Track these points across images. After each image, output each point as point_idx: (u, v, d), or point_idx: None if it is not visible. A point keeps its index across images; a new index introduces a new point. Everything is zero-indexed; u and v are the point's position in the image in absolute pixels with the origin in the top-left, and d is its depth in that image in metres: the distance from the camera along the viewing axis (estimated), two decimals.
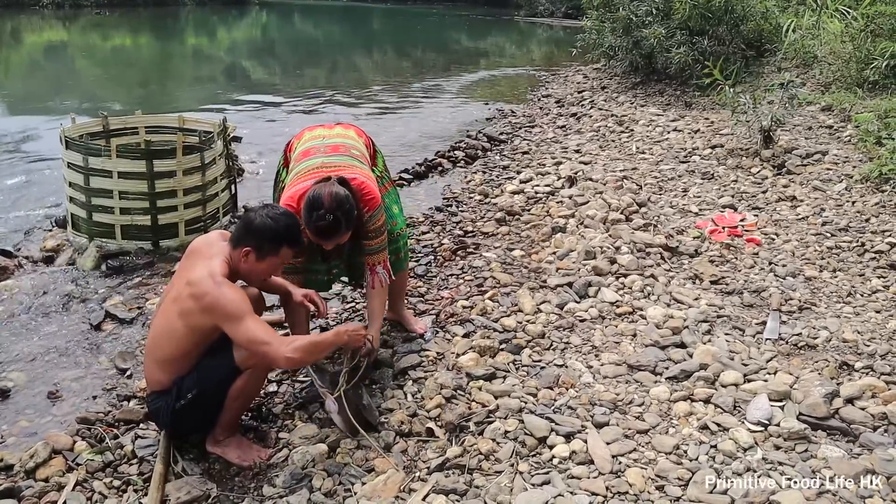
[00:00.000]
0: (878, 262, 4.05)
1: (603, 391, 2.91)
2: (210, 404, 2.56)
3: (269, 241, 2.50)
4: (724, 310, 3.56)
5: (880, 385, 2.80)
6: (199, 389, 2.50)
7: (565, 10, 29.95)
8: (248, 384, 2.56)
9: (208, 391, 2.51)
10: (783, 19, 9.21)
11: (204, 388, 2.50)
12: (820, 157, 5.73)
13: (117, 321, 3.80)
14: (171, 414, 2.52)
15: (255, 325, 2.38)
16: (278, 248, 2.52)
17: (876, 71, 6.99)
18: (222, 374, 2.51)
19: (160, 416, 2.58)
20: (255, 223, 2.50)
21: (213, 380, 2.51)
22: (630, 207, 4.87)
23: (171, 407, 2.51)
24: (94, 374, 3.32)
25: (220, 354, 2.51)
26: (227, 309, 2.37)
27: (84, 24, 27.32)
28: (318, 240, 2.76)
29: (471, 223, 5.08)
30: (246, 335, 2.36)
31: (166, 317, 2.51)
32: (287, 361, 2.40)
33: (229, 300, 2.38)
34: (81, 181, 4.51)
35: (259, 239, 2.49)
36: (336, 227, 2.69)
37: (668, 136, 7.07)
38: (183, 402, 2.50)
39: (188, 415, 2.53)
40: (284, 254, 2.55)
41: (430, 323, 3.55)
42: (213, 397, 2.54)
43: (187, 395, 2.50)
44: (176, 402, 2.51)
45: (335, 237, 2.75)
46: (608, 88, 10.44)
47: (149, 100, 10.97)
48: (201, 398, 2.51)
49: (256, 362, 2.50)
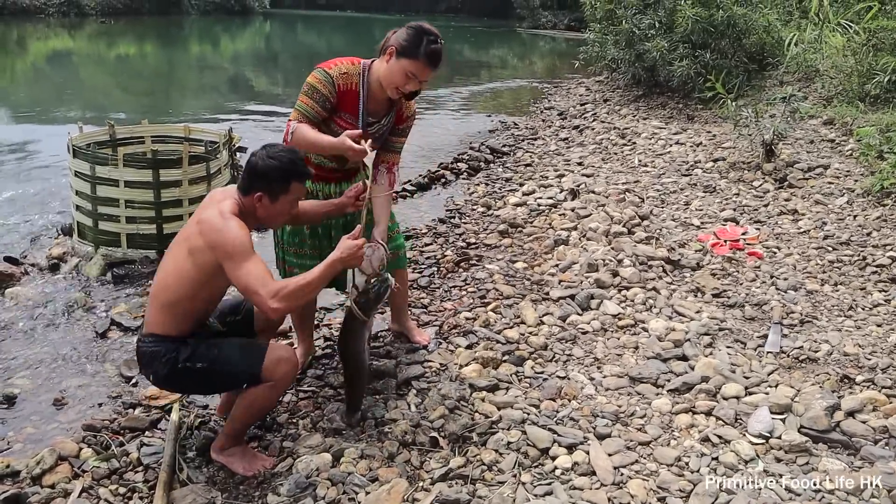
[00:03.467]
0: (880, 275, 4.06)
1: (605, 403, 2.92)
2: (211, 383, 2.55)
3: (278, 180, 2.46)
4: (726, 323, 3.58)
5: (881, 398, 2.82)
6: (211, 366, 2.46)
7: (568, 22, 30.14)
8: (264, 397, 2.53)
9: (218, 373, 2.49)
10: (785, 33, 9.27)
11: (217, 368, 2.47)
12: (822, 171, 5.76)
13: (122, 329, 3.82)
14: (169, 365, 2.46)
15: (254, 269, 2.33)
16: (288, 185, 2.48)
17: (877, 85, 7.03)
18: (242, 369, 2.49)
19: (153, 361, 2.49)
20: (259, 167, 2.46)
21: (231, 367, 2.48)
22: (632, 220, 4.90)
23: (173, 360, 2.45)
24: (100, 382, 3.34)
25: (254, 350, 2.50)
26: (227, 245, 2.34)
27: (89, 32, 27.47)
28: (425, 68, 2.71)
29: (474, 235, 5.10)
30: (241, 280, 2.33)
31: (175, 257, 2.48)
32: (274, 313, 2.35)
33: (233, 236, 2.35)
34: (88, 189, 4.55)
35: (267, 181, 2.46)
36: (442, 55, 2.73)
37: (671, 149, 7.10)
38: (189, 364, 2.45)
39: (184, 378, 2.50)
40: (295, 188, 2.51)
41: (433, 334, 3.57)
42: (219, 381, 2.54)
43: (197, 363, 2.45)
44: (182, 360, 2.45)
45: (437, 67, 2.75)
46: (611, 101, 10.49)
47: (154, 109, 11.04)
48: (208, 375, 2.48)
49: (281, 377, 2.49)
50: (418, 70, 2.71)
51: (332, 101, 2.76)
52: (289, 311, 2.50)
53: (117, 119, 9.03)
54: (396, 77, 2.73)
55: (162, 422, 2.96)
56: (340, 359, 2.95)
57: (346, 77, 2.78)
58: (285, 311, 2.45)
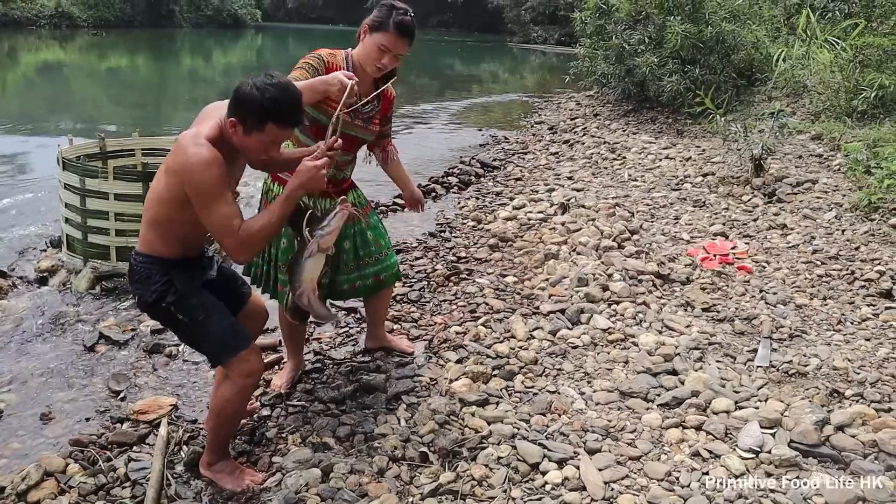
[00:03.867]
0: (868, 290, 4.09)
1: (595, 417, 2.92)
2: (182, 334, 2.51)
3: (252, 114, 2.20)
4: (716, 337, 3.59)
5: (870, 412, 2.83)
6: (190, 324, 2.42)
7: (558, 37, 30.35)
8: (229, 401, 2.50)
9: (192, 333, 2.46)
10: (773, 49, 9.37)
11: (194, 329, 2.43)
12: (810, 186, 5.81)
13: (111, 343, 3.80)
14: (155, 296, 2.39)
15: (220, 211, 2.20)
16: (262, 123, 2.21)
17: (864, 101, 7.11)
18: (213, 347, 2.46)
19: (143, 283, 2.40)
20: (240, 92, 2.22)
21: (206, 337, 2.44)
22: (622, 235, 4.92)
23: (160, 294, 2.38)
24: (88, 396, 3.31)
25: (236, 339, 2.45)
26: (195, 182, 2.18)
27: (81, 44, 27.48)
28: (396, 40, 2.77)
29: (464, 249, 5.11)
30: (206, 221, 2.23)
31: (158, 177, 2.34)
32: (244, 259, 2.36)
33: (200, 171, 2.17)
34: (77, 202, 4.53)
35: (243, 111, 2.21)
36: (414, 28, 2.80)
37: (660, 164, 7.15)
38: (172, 309, 2.40)
39: (162, 316, 2.46)
40: (272, 131, 2.23)
41: (422, 349, 3.56)
42: (189, 339, 2.52)
43: (179, 314, 2.40)
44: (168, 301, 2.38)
45: (410, 40, 2.81)
46: (601, 115, 10.56)
47: (145, 121, 11.02)
48: (183, 327, 2.45)
49: (239, 378, 2.45)
50: (390, 42, 2.78)
51: (322, 73, 2.76)
52: (258, 251, 2.41)
53: (108, 131, 9.03)
54: (371, 52, 2.81)
55: (150, 437, 2.93)
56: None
57: (332, 56, 2.87)
58: (254, 254, 2.40)
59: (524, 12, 33.74)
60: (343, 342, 3.76)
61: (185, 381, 3.45)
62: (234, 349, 2.45)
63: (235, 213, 2.25)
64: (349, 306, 4.14)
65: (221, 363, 2.49)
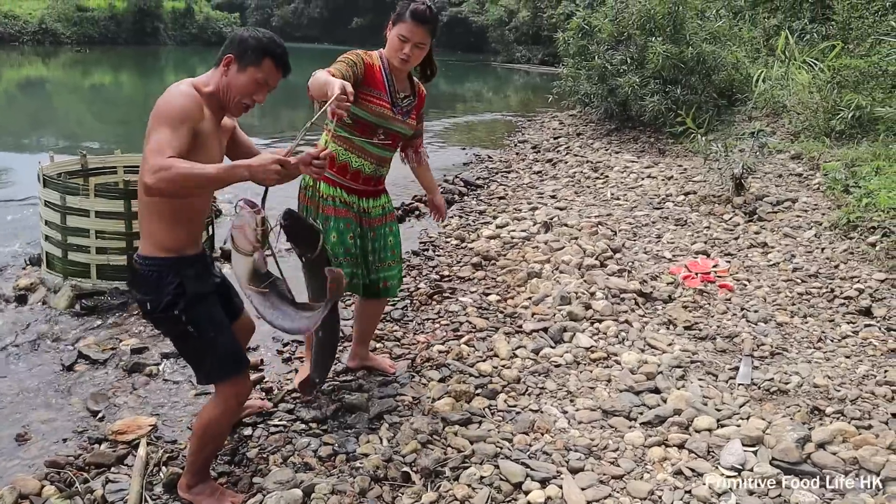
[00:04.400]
0: (847, 307, 4.13)
1: (578, 436, 2.92)
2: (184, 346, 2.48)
3: (252, 49, 2.32)
4: (698, 355, 3.60)
5: (851, 430, 2.84)
6: (198, 339, 2.39)
7: (542, 56, 30.61)
8: (215, 421, 2.47)
9: (195, 348, 2.44)
10: (753, 70, 9.50)
11: (200, 344, 2.40)
12: (790, 205, 5.87)
13: (90, 362, 3.75)
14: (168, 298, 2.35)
15: (163, 136, 2.13)
16: (261, 57, 2.33)
17: (842, 121, 7.21)
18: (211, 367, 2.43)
19: (153, 286, 2.36)
20: (237, 34, 2.38)
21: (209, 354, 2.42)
22: (605, 253, 4.94)
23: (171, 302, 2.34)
24: (65, 417, 3.26)
25: (235, 363, 2.45)
26: (158, 107, 2.19)
27: (64, 60, 27.37)
28: (413, 28, 2.90)
29: (447, 267, 5.11)
30: (150, 141, 2.13)
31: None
32: (145, 188, 2.15)
33: (167, 100, 2.21)
34: (58, 220, 4.49)
35: (243, 47, 2.33)
36: (433, 17, 2.93)
37: (643, 183, 7.20)
38: (183, 318, 2.35)
39: (171, 324, 2.41)
40: (268, 68, 2.34)
41: (405, 367, 3.55)
42: (190, 353, 2.49)
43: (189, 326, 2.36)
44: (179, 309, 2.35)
45: (429, 27, 2.93)
46: (584, 135, 10.63)
47: (128, 138, 10.94)
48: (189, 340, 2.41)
49: (225, 400, 2.44)
50: (407, 31, 2.92)
51: (360, 68, 2.91)
52: (164, 192, 2.15)
53: (91, 149, 8.96)
54: (393, 44, 2.97)
55: (129, 457, 2.88)
56: None
57: (368, 56, 3.01)
58: (161, 192, 2.14)
59: (508, 32, 34.04)
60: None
61: (166, 400, 3.41)
62: (232, 373, 2.45)
63: (177, 145, 2.15)
64: None
65: (215, 383, 2.47)
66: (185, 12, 42.44)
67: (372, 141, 3.03)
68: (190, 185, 2.13)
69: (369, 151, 3.07)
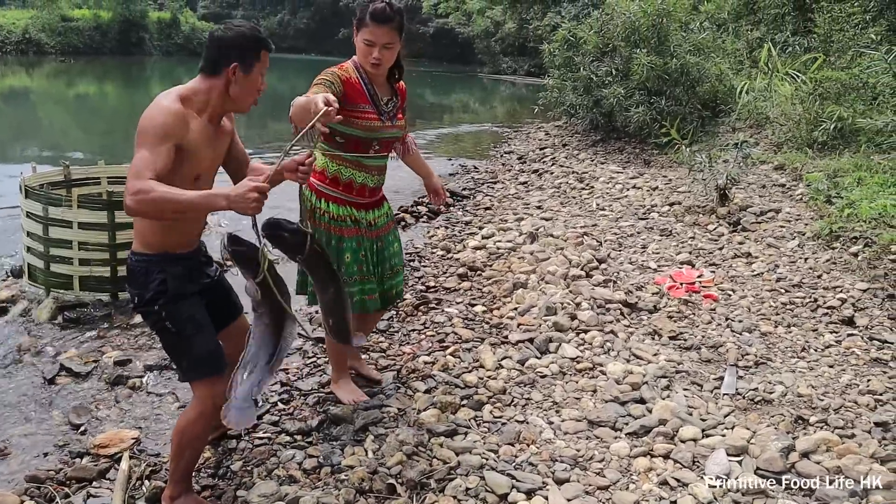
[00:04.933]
0: (830, 317, 4.16)
1: (564, 447, 2.91)
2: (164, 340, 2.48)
3: (248, 49, 2.36)
4: (683, 365, 3.62)
5: (834, 439, 2.86)
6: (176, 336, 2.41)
7: (528, 68, 30.72)
8: (193, 424, 2.46)
9: (175, 344, 2.44)
10: (736, 81, 9.59)
11: (179, 341, 2.42)
12: (773, 215, 5.91)
13: (72, 375, 3.71)
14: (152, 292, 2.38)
15: (144, 156, 2.15)
16: (258, 51, 2.39)
17: (824, 132, 7.28)
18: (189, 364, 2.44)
19: (140, 280, 2.41)
20: (227, 37, 2.36)
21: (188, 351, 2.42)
22: (590, 263, 4.95)
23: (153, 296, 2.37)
24: (46, 430, 3.22)
25: (213, 363, 2.45)
26: (141, 124, 2.21)
27: (48, 71, 27.23)
28: (375, 29, 2.85)
29: (433, 278, 5.10)
30: (132, 162, 2.16)
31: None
32: (126, 208, 2.16)
33: (150, 117, 2.22)
34: (40, 231, 4.45)
35: (240, 50, 2.35)
36: (395, 13, 2.86)
37: (628, 193, 7.24)
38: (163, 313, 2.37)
39: (153, 316, 2.42)
40: (264, 57, 2.42)
41: (391, 379, 3.54)
42: (169, 347, 2.49)
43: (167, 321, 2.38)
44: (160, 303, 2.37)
45: (392, 26, 2.87)
46: (569, 146, 10.68)
47: (112, 149, 10.91)
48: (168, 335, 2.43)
49: (203, 401, 2.44)
50: (371, 34, 2.88)
51: (337, 87, 2.85)
52: (144, 215, 2.23)
53: (74, 159, 8.92)
54: (361, 50, 2.93)
55: (111, 471, 2.85)
56: None
57: (343, 70, 2.95)
58: (139, 214, 2.20)
59: (494, 43, 34.16)
60: (310, 373, 3.72)
61: (149, 413, 3.38)
62: (209, 373, 2.45)
63: (157, 166, 2.17)
64: (317, 336, 4.10)
65: (191, 381, 2.48)
66: (171, 23, 42.32)
67: (368, 155, 3.02)
68: (167, 210, 2.17)
69: (368, 165, 3.07)
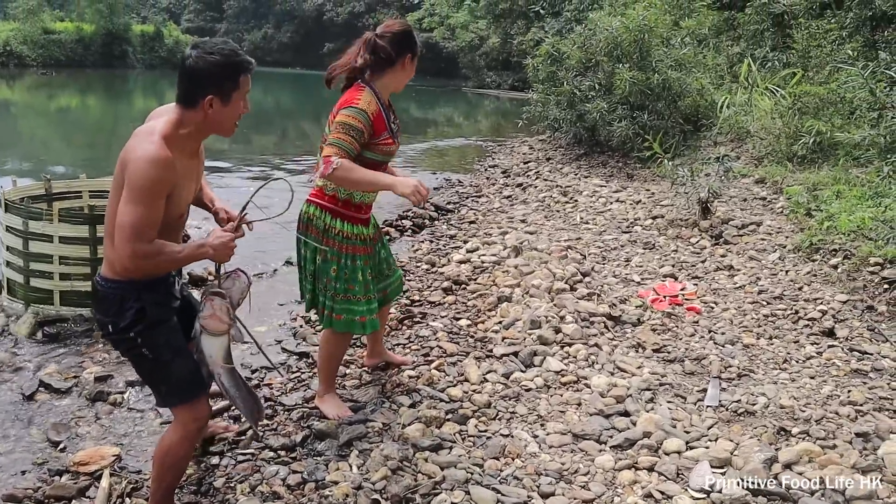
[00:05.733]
0: (811, 329, 4.19)
1: (549, 461, 2.91)
2: (141, 368, 2.44)
3: (227, 77, 2.24)
4: (667, 378, 3.63)
5: (816, 450, 2.88)
6: (153, 362, 2.36)
7: (512, 82, 30.92)
8: (176, 445, 2.43)
9: (151, 370, 2.40)
10: (717, 96, 9.69)
11: (156, 367, 2.38)
12: (755, 228, 5.97)
13: (52, 391, 3.66)
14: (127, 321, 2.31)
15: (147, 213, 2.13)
16: (238, 79, 2.26)
17: (803, 146, 7.37)
18: (169, 389, 2.40)
19: (115, 308, 2.32)
20: (201, 67, 2.21)
21: (166, 377, 2.38)
22: (574, 277, 4.97)
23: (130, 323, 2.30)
24: (24, 448, 3.17)
25: (192, 386, 2.42)
26: (137, 170, 2.13)
27: (29, 84, 27.06)
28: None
29: (417, 292, 5.10)
30: (124, 215, 2.12)
31: (116, 178, 2.25)
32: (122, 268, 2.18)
33: (145, 165, 2.13)
34: (20, 245, 4.40)
35: (216, 81, 2.22)
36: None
37: (611, 207, 7.28)
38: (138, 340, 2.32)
39: (128, 347, 2.37)
40: (244, 82, 2.29)
41: (375, 393, 3.52)
42: (145, 374, 2.45)
43: (144, 348, 2.33)
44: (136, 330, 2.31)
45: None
46: (553, 159, 10.74)
47: (94, 163, 10.82)
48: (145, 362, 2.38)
49: (184, 425, 2.42)
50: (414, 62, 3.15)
51: (366, 133, 2.94)
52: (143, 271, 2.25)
53: (56, 173, 8.84)
54: (409, 74, 3.15)
55: (91, 489, 2.82)
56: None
57: (371, 105, 2.99)
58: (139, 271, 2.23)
59: (478, 58, 34.36)
60: (294, 388, 3.70)
61: (130, 429, 3.34)
62: (190, 396, 2.42)
63: (156, 222, 2.18)
64: (301, 350, 4.08)
65: (171, 406, 2.45)
66: (154, 36, 42.26)
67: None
68: (162, 268, 2.32)
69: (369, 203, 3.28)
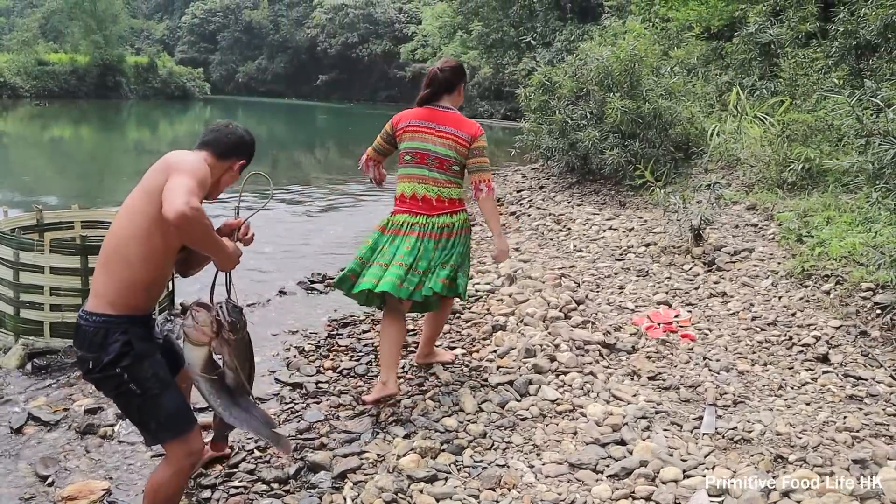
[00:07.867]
0: (806, 354, 4.19)
1: (545, 491, 2.88)
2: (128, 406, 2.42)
3: (250, 153, 2.73)
4: (662, 405, 3.61)
5: (814, 476, 2.86)
6: (142, 398, 2.35)
7: (504, 111, 31.16)
8: (168, 484, 2.41)
9: (140, 406, 2.38)
10: (707, 124, 9.78)
11: (145, 403, 2.36)
12: (747, 254, 5.99)
13: (41, 424, 3.61)
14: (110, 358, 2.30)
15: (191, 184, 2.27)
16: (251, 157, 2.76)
17: (793, 173, 7.43)
18: (158, 426, 2.38)
19: (98, 343, 2.33)
20: (246, 138, 2.70)
21: (155, 414, 2.37)
22: (568, 305, 4.96)
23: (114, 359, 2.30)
24: (11, 483, 3.12)
25: (181, 422, 2.41)
26: (183, 164, 2.39)
27: (22, 114, 27.13)
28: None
29: (412, 321, 5.07)
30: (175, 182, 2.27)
31: (131, 209, 2.43)
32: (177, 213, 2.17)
33: (197, 161, 2.44)
34: (11, 276, 4.38)
35: (249, 152, 2.71)
36: None
37: (604, 235, 7.30)
38: (125, 376, 2.31)
39: (113, 384, 2.35)
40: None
41: (369, 424, 3.49)
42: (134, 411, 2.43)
43: (131, 384, 2.32)
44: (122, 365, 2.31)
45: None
46: (546, 188, 10.77)
47: (87, 194, 10.82)
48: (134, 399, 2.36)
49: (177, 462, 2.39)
50: None
51: (389, 133, 3.88)
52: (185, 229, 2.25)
53: (48, 203, 8.82)
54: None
55: None
56: None
57: (397, 116, 3.84)
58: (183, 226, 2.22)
59: (471, 87, 34.65)
60: (288, 419, 3.66)
61: (120, 463, 3.29)
62: (182, 430, 2.39)
63: (200, 197, 2.34)
64: (294, 381, 4.05)
65: (163, 442, 2.40)
66: (149, 67, 42.54)
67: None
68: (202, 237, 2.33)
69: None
